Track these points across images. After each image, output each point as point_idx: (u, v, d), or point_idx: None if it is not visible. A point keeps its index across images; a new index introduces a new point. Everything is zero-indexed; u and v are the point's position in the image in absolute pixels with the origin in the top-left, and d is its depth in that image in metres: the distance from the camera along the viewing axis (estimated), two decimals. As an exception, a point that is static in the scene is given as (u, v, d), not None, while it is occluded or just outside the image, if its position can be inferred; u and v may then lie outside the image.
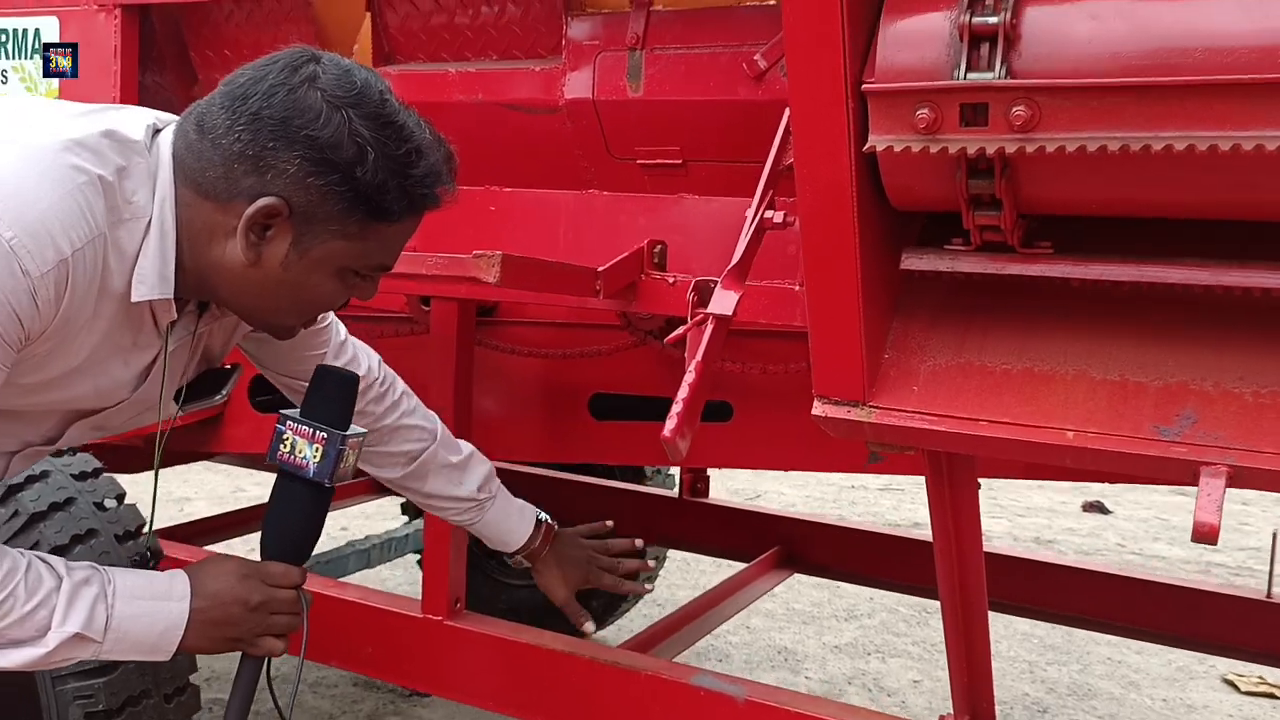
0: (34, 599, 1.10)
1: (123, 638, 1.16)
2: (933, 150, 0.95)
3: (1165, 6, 0.91)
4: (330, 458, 1.23)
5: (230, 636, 1.23)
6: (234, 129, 1.06)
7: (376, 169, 1.07)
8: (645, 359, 1.90)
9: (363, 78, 1.11)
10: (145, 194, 1.09)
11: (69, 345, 1.09)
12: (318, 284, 1.14)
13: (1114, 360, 1.09)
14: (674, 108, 1.76)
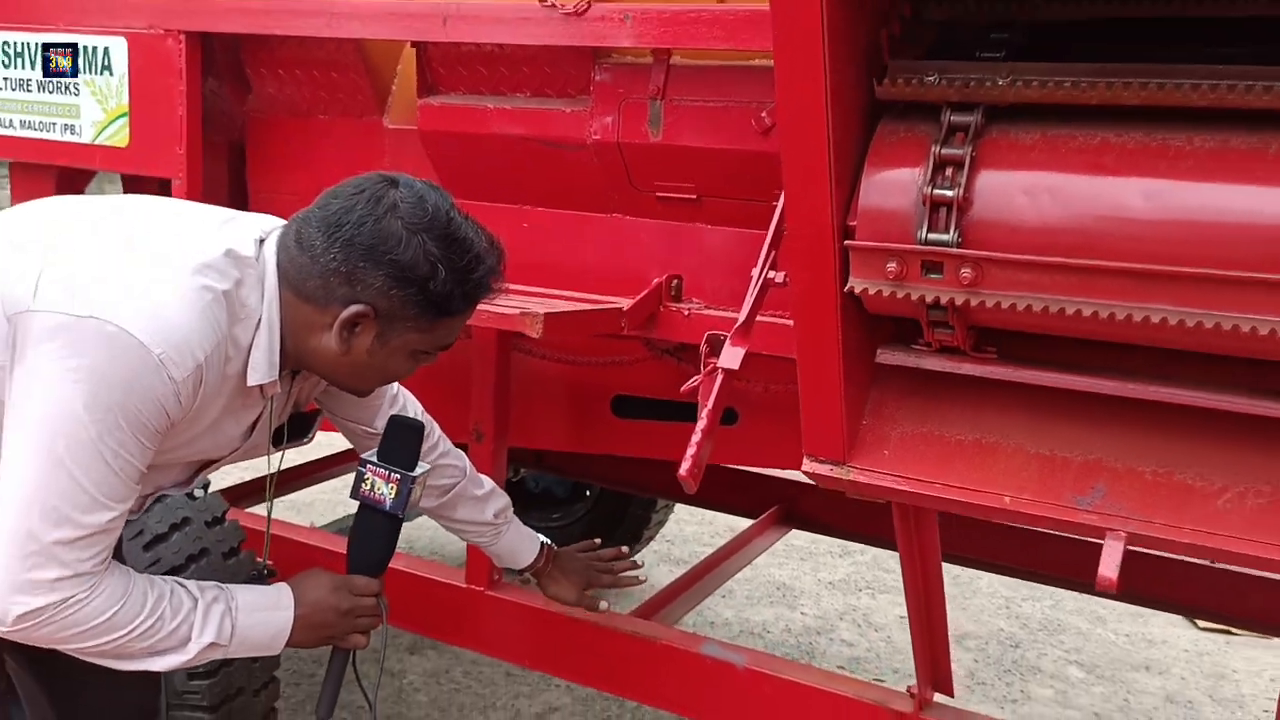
0: (178, 618, 1.36)
1: (244, 643, 1.43)
2: (899, 295, 1.19)
3: (1086, 185, 1.15)
4: (403, 495, 1.50)
5: (325, 635, 1.51)
6: (330, 249, 1.31)
7: (445, 280, 1.33)
8: (660, 369, 2.15)
9: (433, 202, 1.36)
10: (256, 298, 1.35)
11: (199, 420, 1.36)
12: (395, 365, 1.42)
13: (1045, 437, 1.35)
14: (689, 152, 1.97)
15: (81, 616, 1.27)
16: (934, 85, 1.20)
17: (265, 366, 1.36)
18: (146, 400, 1.24)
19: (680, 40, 1.87)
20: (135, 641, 1.32)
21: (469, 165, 2.20)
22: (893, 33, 1.28)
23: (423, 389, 2.42)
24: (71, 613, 1.26)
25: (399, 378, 1.49)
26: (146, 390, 1.23)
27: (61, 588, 1.24)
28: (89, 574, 1.26)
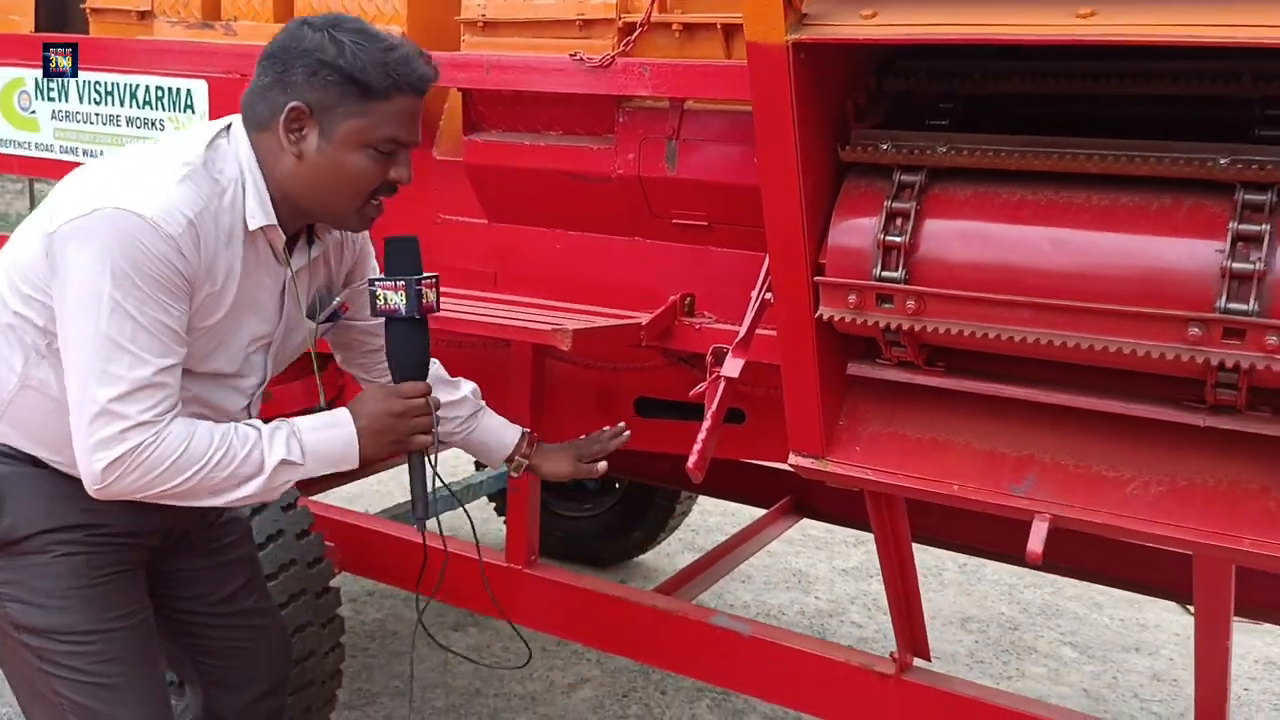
0: (247, 445, 1.48)
1: (317, 457, 1.52)
2: (858, 321, 1.47)
3: (1007, 233, 1.42)
4: (413, 297, 1.57)
5: (389, 440, 1.58)
6: (262, 75, 1.50)
7: (354, 55, 1.44)
8: (677, 374, 2.44)
9: (336, 15, 1.52)
10: (231, 163, 1.50)
11: (226, 288, 1.51)
12: (352, 161, 1.49)
13: (987, 436, 1.62)
14: (701, 185, 2.25)
15: (157, 457, 1.41)
16: (887, 151, 1.48)
17: (259, 212, 1.50)
18: (154, 259, 1.39)
19: (691, 90, 2.15)
20: (215, 471, 1.44)
21: (508, 194, 2.49)
22: (858, 102, 1.56)
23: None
24: (146, 456, 1.40)
25: (366, 181, 1.51)
26: (151, 250, 1.39)
27: (129, 437, 1.39)
28: (150, 422, 1.40)
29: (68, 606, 1.57)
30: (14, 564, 1.56)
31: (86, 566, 1.58)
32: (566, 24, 2.31)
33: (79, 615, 1.57)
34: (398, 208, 2.65)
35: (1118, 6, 1.25)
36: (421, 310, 1.60)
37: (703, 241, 2.35)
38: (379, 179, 1.53)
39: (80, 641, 1.57)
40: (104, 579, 1.60)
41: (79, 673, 1.57)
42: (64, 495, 1.56)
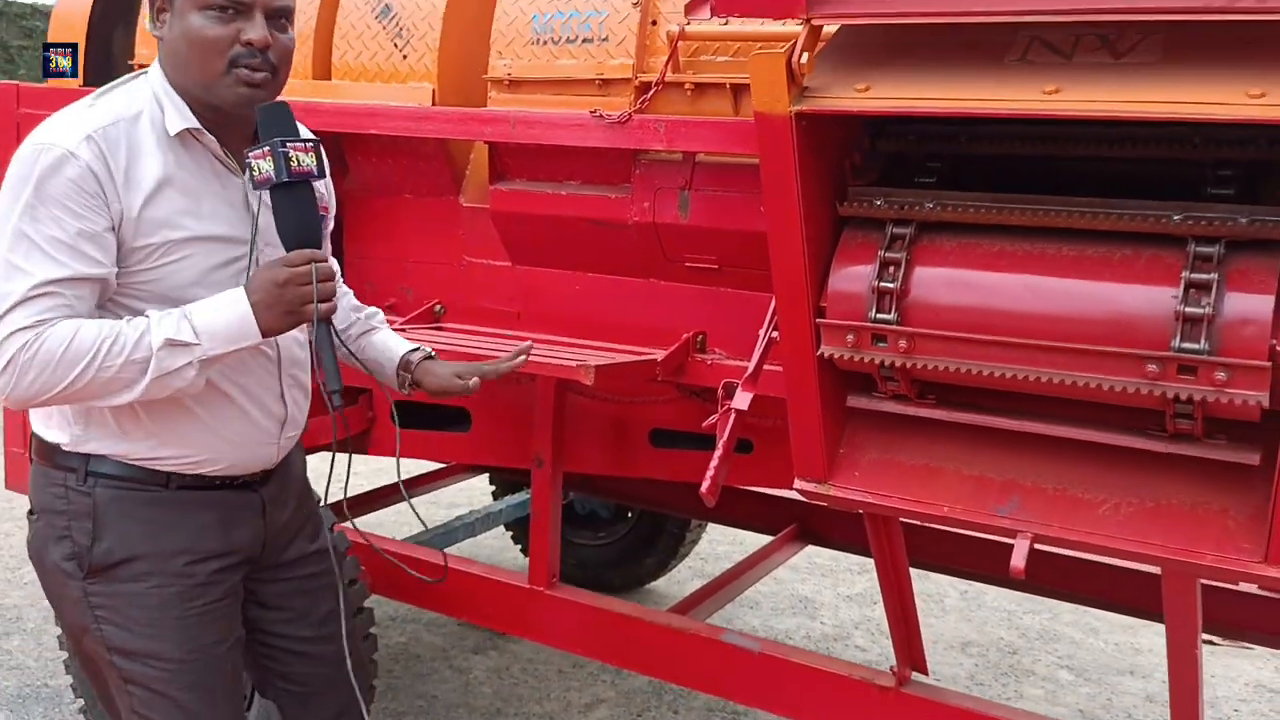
0: (137, 331, 1.51)
1: (214, 335, 1.52)
2: (856, 359, 1.64)
3: (987, 279, 1.59)
4: (280, 159, 1.53)
5: (284, 311, 1.55)
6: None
7: None
8: (689, 407, 2.61)
9: None
10: (142, 88, 1.61)
11: (161, 196, 1.56)
12: (191, 25, 1.55)
13: (975, 462, 1.78)
14: (711, 231, 2.43)
15: (45, 354, 1.47)
16: (880, 207, 1.65)
17: (176, 118, 1.58)
18: (55, 176, 1.49)
19: (702, 145, 2.33)
20: (108, 360, 1.48)
21: (531, 239, 2.67)
22: (854, 161, 1.74)
23: (493, 423, 2.90)
24: (33, 354, 1.46)
25: (213, 41, 1.55)
26: (51, 170, 1.49)
27: (14, 340, 1.46)
28: (32, 326, 1.47)
29: (157, 635, 1.65)
30: (111, 589, 1.65)
31: (178, 599, 1.67)
32: (587, 83, 2.49)
33: (167, 643, 1.65)
34: (426, 250, 2.86)
35: (1079, 84, 1.43)
36: (292, 174, 1.55)
37: (713, 283, 2.52)
38: (230, 40, 1.56)
39: (164, 668, 1.66)
40: (193, 611, 1.68)
41: (159, 696, 1.66)
42: (160, 521, 1.66)
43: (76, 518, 1.65)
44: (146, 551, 1.65)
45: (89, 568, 1.64)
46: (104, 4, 3.24)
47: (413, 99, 2.70)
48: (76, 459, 1.65)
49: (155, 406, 1.61)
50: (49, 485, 1.68)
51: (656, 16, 2.48)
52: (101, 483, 1.65)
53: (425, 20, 2.71)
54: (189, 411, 1.65)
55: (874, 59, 1.60)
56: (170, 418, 1.64)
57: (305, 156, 1.57)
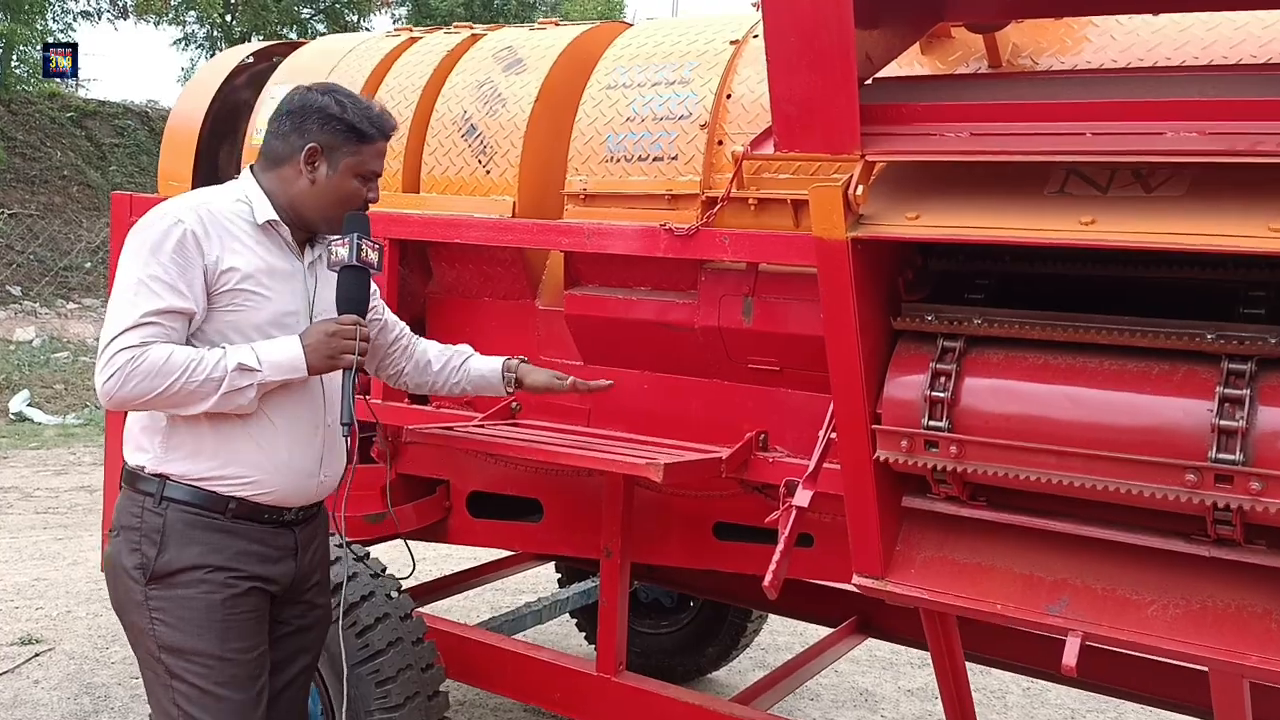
0: (215, 356, 1.94)
1: (272, 364, 1.97)
2: (910, 463, 1.76)
3: (1033, 391, 1.71)
4: (353, 248, 2.05)
5: (326, 355, 2.02)
6: (280, 125, 2.09)
7: (353, 112, 2.07)
8: (752, 502, 2.72)
9: (327, 83, 2.14)
10: (237, 188, 2.09)
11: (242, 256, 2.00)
12: (348, 186, 2.08)
13: (1026, 562, 1.87)
14: (773, 336, 2.58)
15: (146, 367, 1.88)
16: (932, 322, 1.79)
17: (264, 210, 2.05)
18: (164, 236, 1.94)
19: (765, 256, 2.49)
20: (194, 375, 1.90)
21: (603, 340, 2.84)
22: (907, 279, 1.88)
23: (564, 514, 3.04)
24: (136, 367, 1.87)
25: (355, 198, 2.09)
26: (165, 232, 1.94)
27: (120, 356, 1.87)
28: (138, 345, 1.88)
29: (203, 634, 1.98)
30: (167, 594, 1.98)
31: (222, 606, 2.00)
32: (657, 198, 2.68)
33: (211, 642, 1.98)
34: (503, 349, 3.04)
35: (1114, 216, 1.56)
36: (359, 260, 2.05)
37: (775, 384, 2.66)
38: (362, 199, 2.11)
39: (206, 664, 1.98)
40: (234, 617, 2.01)
41: (198, 690, 1.98)
42: (215, 543, 2.00)
43: (148, 534, 2.00)
44: (200, 563, 1.99)
45: (151, 574, 1.99)
46: (212, 122, 3.54)
47: (494, 211, 2.91)
48: (154, 483, 2.02)
49: (222, 430, 2.01)
50: (130, 506, 2.03)
51: (723, 137, 2.67)
52: (173, 506, 2.00)
53: (508, 139, 2.93)
54: (246, 437, 2.03)
55: (923, 190, 1.75)
56: (233, 441, 2.02)
57: (371, 252, 2.09)
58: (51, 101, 15.73)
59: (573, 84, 2.92)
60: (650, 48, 2.84)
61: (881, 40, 1.96)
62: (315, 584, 2.24)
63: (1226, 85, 1.64)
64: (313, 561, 2.22)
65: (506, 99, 2.98)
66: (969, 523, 1.90)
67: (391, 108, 3.16)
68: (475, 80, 3.06)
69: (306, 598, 2.21)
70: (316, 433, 2.13)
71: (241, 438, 2.02)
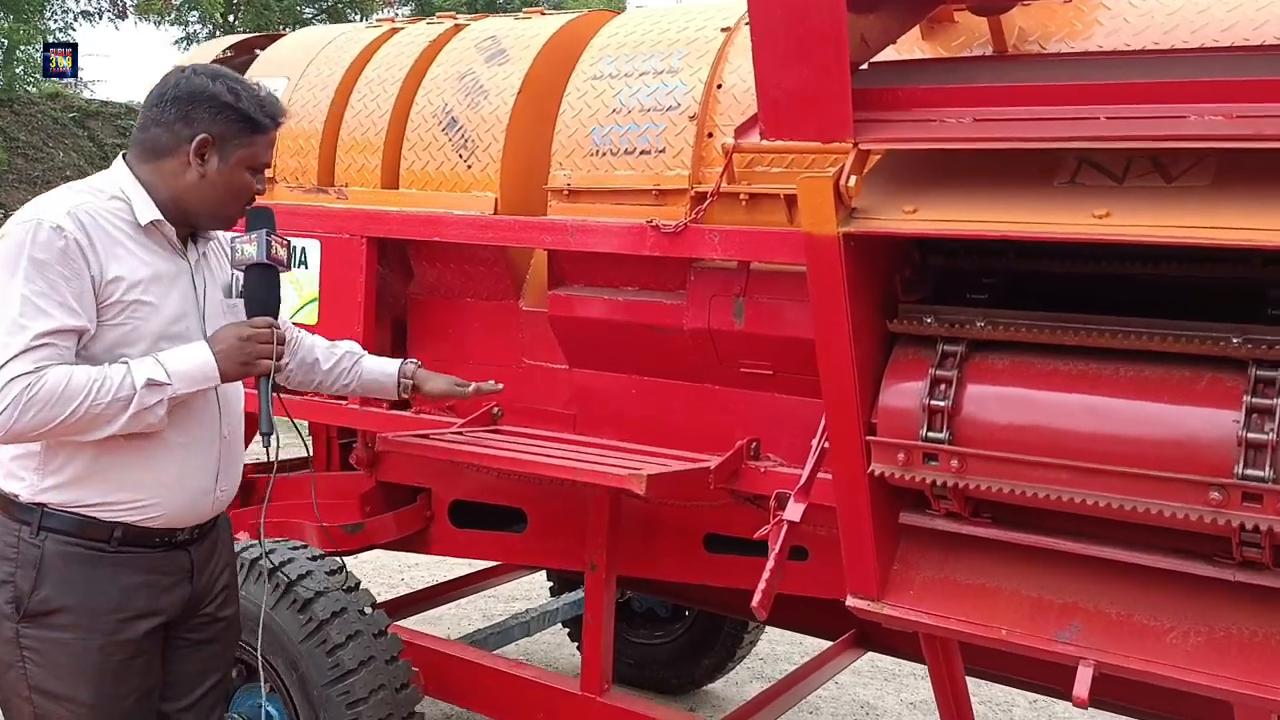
0: (119, 374, 1.79)
1: (182, 376, 1.83)
2: (907, 478, 1.62)
3: (1043, 399, 1.57)
4: (263, 245, 1.95)
5: (240, 361, 1.89)
6: (164, 112, 1.89)
7: (247, 100, 1.91)
8: (743, 513, 2.58)
9: (213, 67, 1.96)
10: (109, 183, 1.90)
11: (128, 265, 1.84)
12: (240, 178, 1.93)
13: (1034, 584, 1.73)
14: (766, 338, 2.44)
15: (45, 394, 1.72)
16: (931, 325, 1.65)
17: (146, 210, 1.88)
18: (44, 248, 1.76)
19: (757, 254, 2.36)
20: (98, 398, 1.75)
21: (589, 343, 2.71)
22: (905, 278, 1.74)
23: (547, 524, 2.90)
24: (34, 394, 1.72)
25: (247, 194, 1.96)
26: (43, 244, 1.76)
27: (15, 384, 1.71)
28: (33, 371, 1.72)
29: (78, 681, 1.84)
30: (41, 634, 1.84)
31: (100, 653, 1.86)
32: (643, 193, 2.55)
33: (86, 691, 1.85)
34: (486, 353, 2.91)
35: (1130, 208, 1.42)
36: (270, 257, 1.96)
37: (767, 388, 2.52)
38: (252, 191, 1.97)
39: (77, 711, 1.85)
40: (111, 664, 1.87)
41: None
42: (98, 580, 1.85)
43: (23, 566, 1.84)
44: (79, 604, 1.84)
45: (25, 612, 1.84)
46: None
47: (476, 207, 2.78)
48: (32, 512, 1.86)
49: (107, 450, 1.84)
50: (3, 534, 1.87)
51: (713, 129, 2.53)
52: (52, 536, 1.84)
53: (489, 132, 2.80)
54: (139, 458, 1.87)
55: (921, 181, 1.61)
56: (120, 462, 1.86)
57: (281, 249, 1.98)
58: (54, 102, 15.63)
59: (558, 75, 2.78)
60: (638, 36, 2.70)
61: (878, 23, 1.82)
62: (217, 598, 2.09)
63: (1253, 66, 1.50)
64: (212, 578, 2.07)
65: (489, 91, 2.84)
66: (971, 541, 1.76)
67: (371, 100, 3.04)
68: (457, 72, 2.92)
69: (207, 611, 2.06)
70: (214, 446, 1.99)
71: (130, 458, 1.86)
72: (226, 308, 2.02)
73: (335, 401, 2.98)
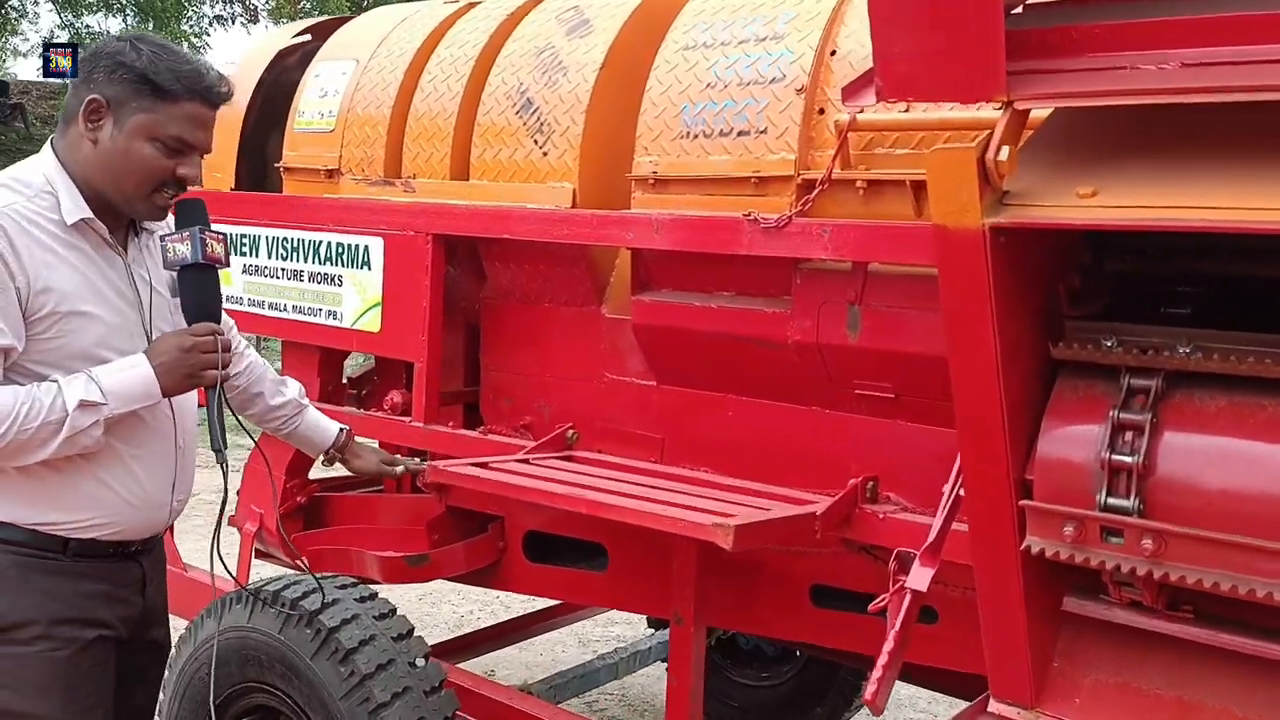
0: (50, 395, 1.66)
1: (119, 395, 1.69)
2: (1078, 559, 1.19)
3: (1277, 458, 1.12)
4: (197, 245, 1.76)
5: (183, 374, 1.74)
6: (75, 81, 1.76)
7: (150, 60, 1.71)
8: (857, 563, 2.16)
9: (140, 33, 1.87)
10: (35, 173, 1.74)
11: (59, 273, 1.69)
12: (138, 150, 1.72)
13: (1252, 701, 1.27)
14: (887, 354, 2.02)
15: None
16: (1111, 350, 1.21)
17: (73, 208, 1.73)
18: None
19: (875, 253, 1.94)
20: (27, 422, 1.63)
21: (679, 356, 2.33)
22: (1072, 286, 1.30)
23: (631, 563, 2.53)
24: None
25: (153, 171, 1.74)
26: None
27: None
28: None
29: (42, 697, 1.76)
30: (5, 652, 1.74)
31: (65, 664, 1.78)
32: (741, 181, 2.15)
33: (51, 706, 1.76)
34: (565, 365, 2.55)
35: None
36: (206, 257, 1.77)
37: (889, 414, 2.10)
38: (167, 172, 1.75)
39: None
40: (77, 675, 1.79)
41: None
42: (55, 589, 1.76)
43: None
44: (40, 617, 1.76)
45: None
46: (260, 107, 3.17)
47: (550, 200, 2.43)
48: None
49: (59, 470, 1.74)
50: None
51: (824, 105, 2.12)
52: (4, 548, 1.74)
53: (567, 114, 2.44)
54: (91, 475, 1.77)
55: (1102, 154, 1.17)
56: (74, 481, 1.76)
57: (217, 245, 1.80)
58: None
59: (648, 47, 2.41)
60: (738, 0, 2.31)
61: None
62: (157, 620, 2.02)
63: None
64: (158, 592, 2.00)
65: (568, 67, 2.49)
66: (1164, 639, 1.31)
67: (441, 82, 2.72)
68: (535, 47, 2.58)
69: (151, 636, 1.99)
70: (169, 457, 1.88)
71: (84, 475, 1.76)
72: (174, 307, 1.86)
73: (399, 419, 2.68)
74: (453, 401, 2.79)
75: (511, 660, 4.21)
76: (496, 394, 2.71)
